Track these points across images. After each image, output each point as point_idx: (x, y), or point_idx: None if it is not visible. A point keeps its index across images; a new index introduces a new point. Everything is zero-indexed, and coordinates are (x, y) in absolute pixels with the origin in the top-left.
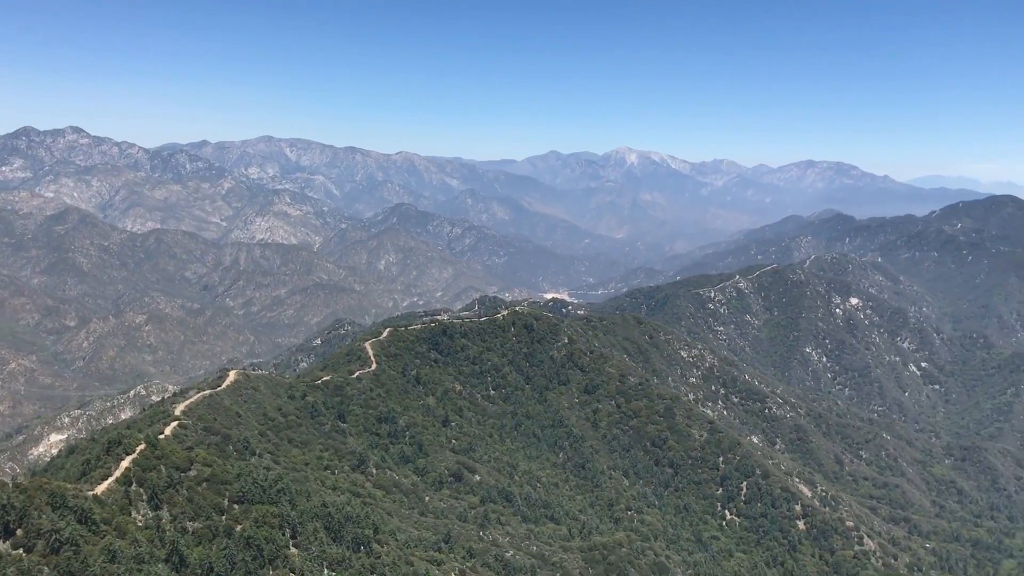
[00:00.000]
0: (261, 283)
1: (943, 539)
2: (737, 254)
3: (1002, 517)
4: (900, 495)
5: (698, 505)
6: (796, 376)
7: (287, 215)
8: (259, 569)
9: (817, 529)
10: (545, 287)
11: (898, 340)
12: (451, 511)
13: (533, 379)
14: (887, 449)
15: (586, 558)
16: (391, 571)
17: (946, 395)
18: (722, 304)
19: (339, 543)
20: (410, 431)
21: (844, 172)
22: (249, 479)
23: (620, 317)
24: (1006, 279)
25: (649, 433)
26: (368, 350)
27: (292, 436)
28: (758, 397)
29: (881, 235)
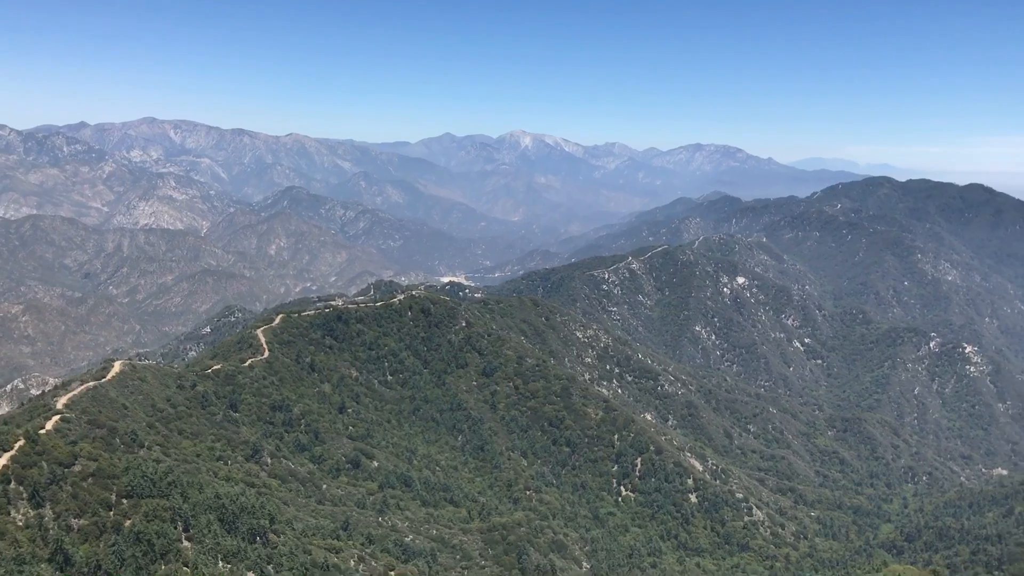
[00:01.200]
0: (146, 270)
1: (827, 507)
2: (629, 236)
3: (881, 484)
4: (786, 466)
5: (595, 482)
6: (687, 354)
7: (172, 199)
8: (150, 565)
9: (709, 502)
10: (442, 270)
11: (783, 317)
12: (349, 498)
13: (431, 363)
14: (773, 422)
15: (486, 539)
16: (288, 561)
17: (828, 369)
18: (616, 285)
19: (234, 535)
20: (305, 419)
21: (730, 155)
22: (138, 472)
23: (517, 299)
24: (883, 257)
25: (547, 413)
26: (260, 337)
27: (182, 427)
28: (651, 375)
29: (766, 216)
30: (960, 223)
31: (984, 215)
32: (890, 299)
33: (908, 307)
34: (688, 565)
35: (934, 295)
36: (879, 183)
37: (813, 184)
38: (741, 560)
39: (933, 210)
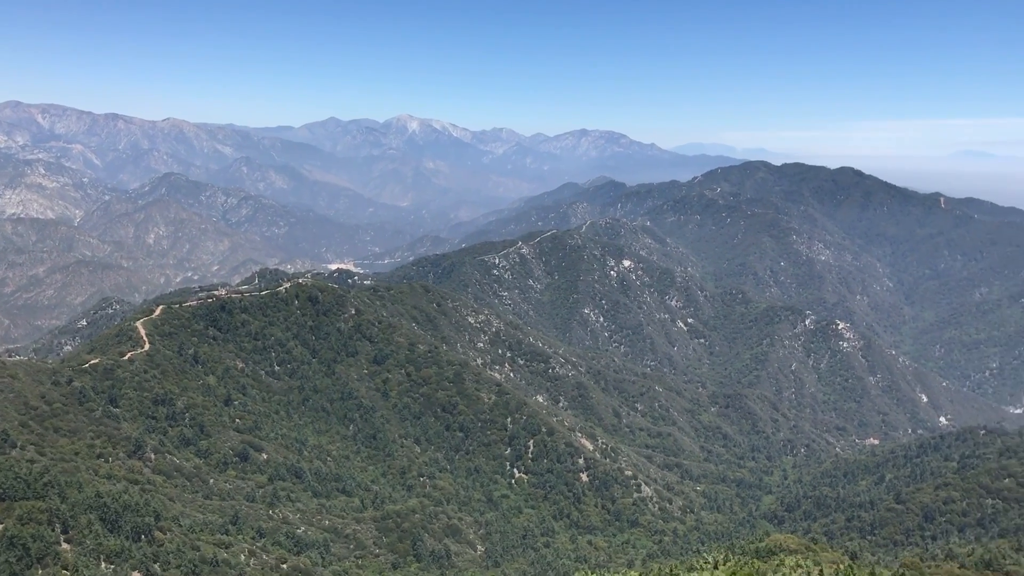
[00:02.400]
0: (15, 262)
1: (712, 481)
2: (519, 221)
3: (761, 457)
4: (673, 443)
5: (488, 466)
6: (576, 336)
7: (42, 187)
8: (26, 570)
9: (599, 480)
10: (329, 257)
11: (667, 298)
12: (238, 492)
13: (320, 352)
14: (660, 400)
15: (380, 527)
16: (176, 558)
17: (710, 348)
18: (506, 270)
19: (117, 534)
20: (190, 412)
21: (615, 141)
22: (10, 474)
23: (408, 286)
24: (760, 239)
25: (439, 399)
26: (140, 330)
27: (59, 425)
28: (542, 358)
29: (649, 200)
30: (832, 205)
31: (854, 197)
32: (768, 279)
33: (784, 286)
34: (580, 543)
35: (809, 274)
36: (756, 167)
37: (694, 169)
38: (631, 536)
39: (807, 193)
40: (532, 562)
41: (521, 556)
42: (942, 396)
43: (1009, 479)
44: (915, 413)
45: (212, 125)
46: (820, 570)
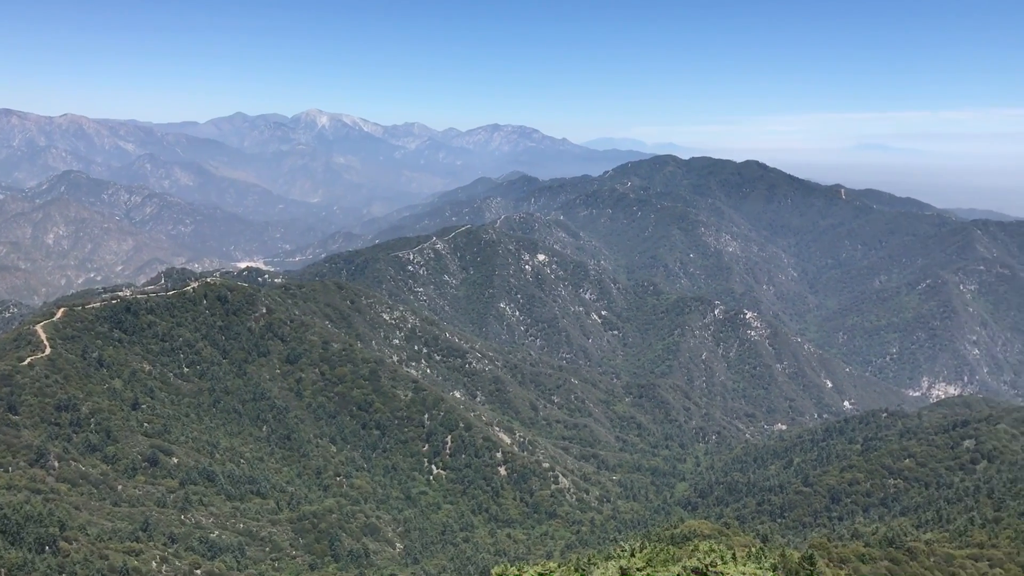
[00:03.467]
0: None
1: (627, 470)
2: (433, 216)
3: (675, 445)
4: (589, 434)
5: (406, 463)
6: (492, 330)
7: None
8: None
9: (517, 473)
10: (239, 256)
11: (581, 291)
12: (148, 498)
13: (230, 353)
14: (576, 392)
15: (296, 529)
16: (83, 569)
17: (624, 339)
18: (421, 265)
19: (19, 546)
20: (95, 417)
21: (527, 135)
22: None
23: (320, 283)
24: (670, 231)
25: (355, 398)
26: (40, 333)
27: None
28: (458, 353)
29: (562, 194)
30: (738, 197)
31: (759, 189)
32: (678, 271)
33: (694, 278)
34: (499, 536)
35: (717, 266)
36: (665, 161)
37: (605, 163)
38: (550, 527)
39: (714, 186)
40: (451, 557)
41: (440, 552)
42: (846, 381)
43: (909, 459)
44: (820, 398)
45: (113, 121)
46: (733, 554)
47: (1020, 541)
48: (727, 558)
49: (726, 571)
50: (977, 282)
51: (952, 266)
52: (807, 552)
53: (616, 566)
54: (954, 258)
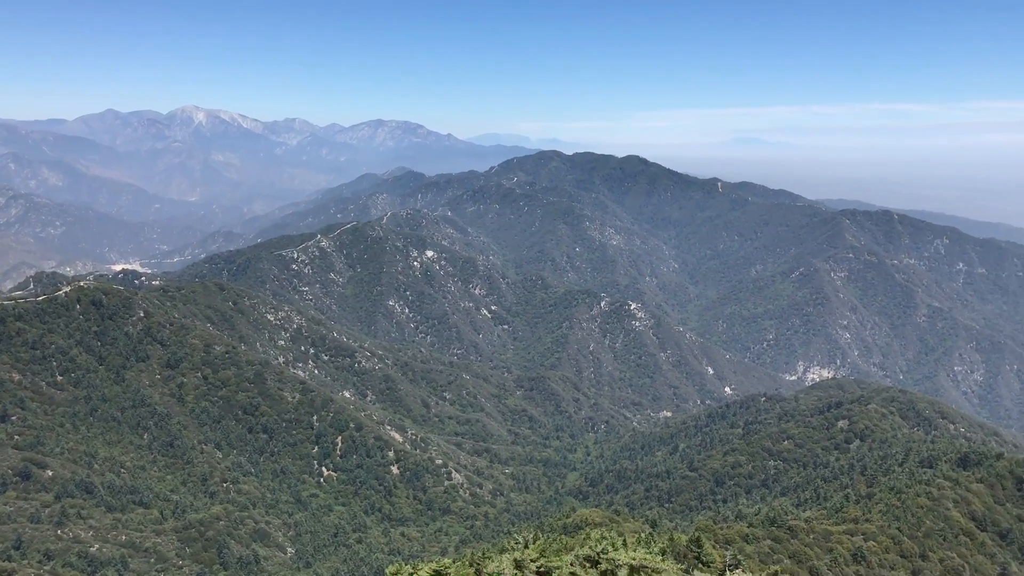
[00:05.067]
0: None
1: (520, 463)
2: (317, 213)
3: (565, 436)
4: (481, 428)
5: (295, 466)
6: (382, 328)
7: None
8: None
9: (410, 471)
10: (113, 258)
11: (470, 287)
12: (20, 514)
13: (107, 359)
14: (467, 388)
15: (182, 538)
16: None
17: (514, 333)
18: (306, 264)
19: None
20: None
21: (412, 131)
22: None
23: (200, 285)
24: (556, 226)
25: (240, 401)
26: None
27: None
28: (347, 353)
29: (449, 190)
30: (621, 192)
31: (640, 184)
32: (565, 264)
33: (581, 271)
34: (393, 535)
35: (602, 259)
36: (549, 157)
37: (490, 159)
38: (444, 523)
39: (597, 180)
40: (345, 559)
41: (334, 554)
42: (726, 367)
43: (788, 441)
44: (703, 385)
45: None
46: (623, 540)
47: (891, 515)
48: (618, 545)
49: (617, 557)
50: (846, 269)
51: (823, 255)
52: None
53: (510, 559)
54: (825, 247)
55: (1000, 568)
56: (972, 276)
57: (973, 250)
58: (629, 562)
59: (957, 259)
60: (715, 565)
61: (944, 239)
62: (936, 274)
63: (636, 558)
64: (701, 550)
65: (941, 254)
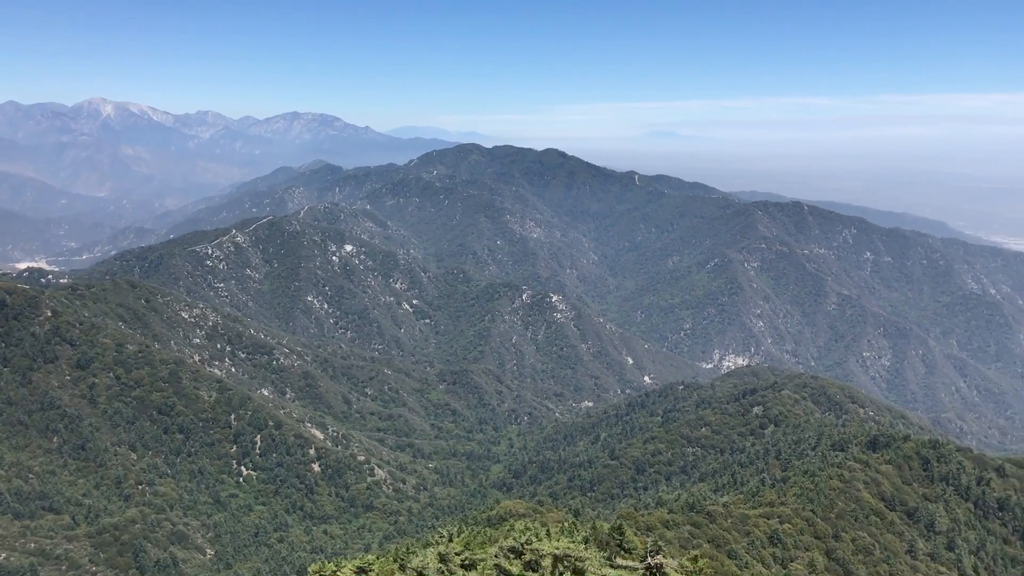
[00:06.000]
0: None
1: (443, 457)
2: (231, 208)
3: (489, 429)
4: (404, 423)
5: (213, 466)
6: (300, 325)
7: None
8: None
9: (332, 469)
10: (17, 256)
11: (391, 281)
12: None
13: (12, 360)
14: (389, 383)
15: (96, 543)
16: None
17: (436, 327)
18: (221, 260)
19: None
20: None
21: (328, 124)
22: None
23: (111, 282)
24: (477, 219)
25: (154, 401)
26: None
27: None
28: (265, 350)
29: (368, 184)
30: (540, 185)
31: (560, 177)
32: (486, 258)
33: (502, 264)
34: (316, 534)
35: (523, 252)
36: (469, 150)
37: (409, 152)
38: (367, 520)
39: (517, 174)
40: (266, 559)
41: (255, 555)
42: (645, 357)
43: (706, 428)
44: (623, 375)
45: None
46: (547, 530)
47: (805, 497)
48: (541, 535)
49: (541, 548)
50: (759, 259)
51: (737, 245)
52: (616, 523)
53: (434, 553)
54: (738, 238)
55: (908, 545)
56: (879, 264)
57: (879, 239)
58: (553, 552)
59: (864, 248)
60: (637, 552)
61: (852, 229)
62: (844, 263)
63: (559, 548)
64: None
65: (849, 244)
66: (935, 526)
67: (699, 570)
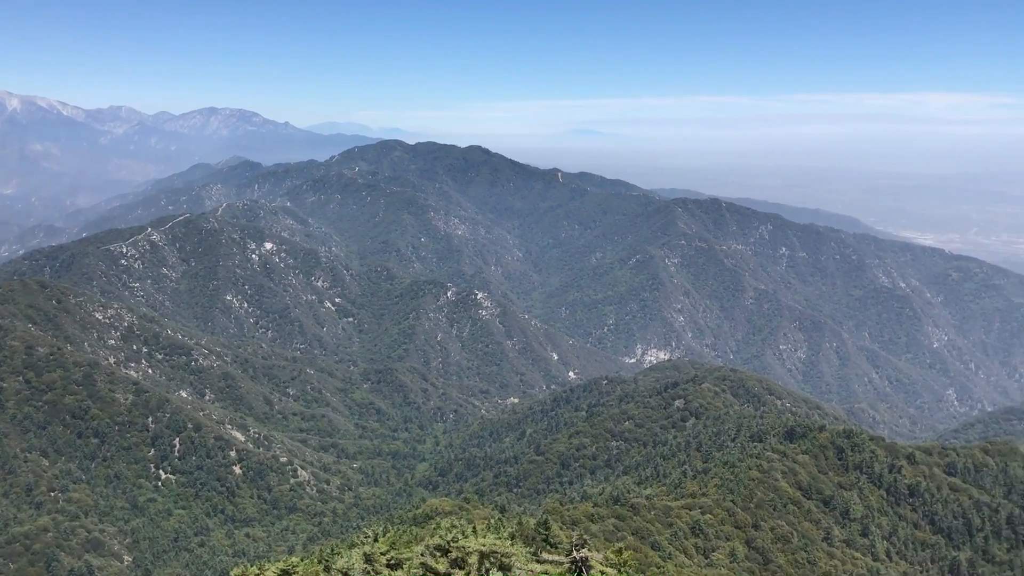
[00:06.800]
0: None
1: (368, 456)
2: (147, 205)
3: (414, 427)
4: (327, 424)
5: (130, 471)
6: (220, 324)
7: None
8: None
9: (254, 471)
10: None
11: (313, 279)
12: None
13: None
14: (312, 383)
15: (4, 553)
16: None
17: (359, 326)
18: (136, 259)
19: None
20: None
21: (247, 119)
22: None
23: (20, 283)
24: (400, 216)
25: (67, 405)
26: None
27: None
28: (183, 351)
29: (288, 180)
30: (464, 182)
31: (484, 174)
32: (410, 255)
33: (426, 261)
34: (238, 537)
35: (447, 249)
36: (392, 146)
37: (331, 148)
38: (290, 522)
39: (441, 170)
40: (187, 564)
41: (174, 560)
42: (570, 353)
43: (629, 421)
44: (548, 371)
45: None
46: (473, 527)
47: (726, 488)
48: (467, 532)
49: (467, 545)
50: (679, 255)
51: (657, 242)
52: (542, 518)
53: (360, 553)
54: (659, 234)
55: (824, 533)
56: (794, 260)
57: (794, 235)
58: (479, 549)
59: (780, 244)
60: (563, 546)
61: (768, 225)
62: (761, 258)
63: (486, 544)
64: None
65: (765, 239)
66: (850, 513)
67: (623, 562)
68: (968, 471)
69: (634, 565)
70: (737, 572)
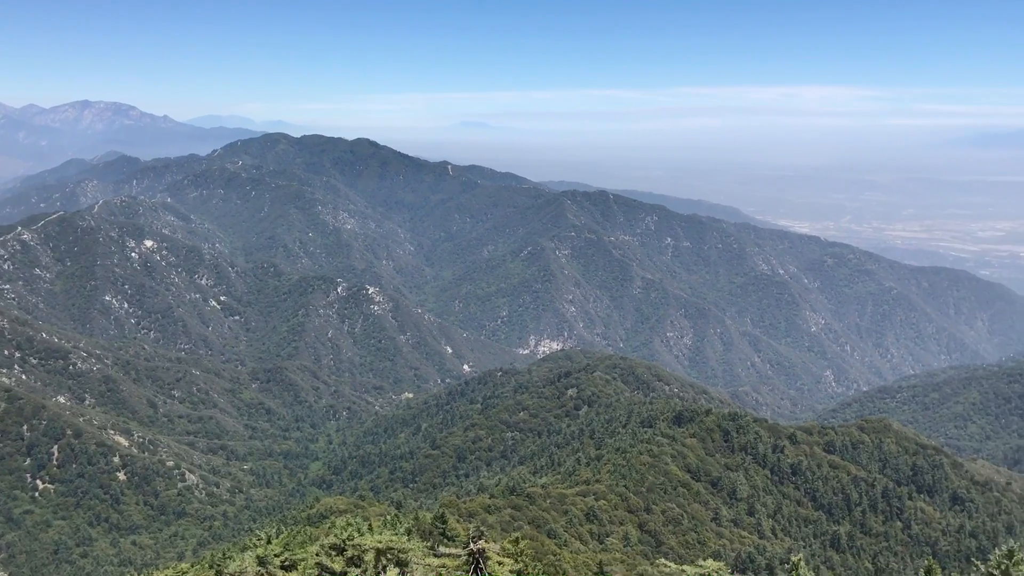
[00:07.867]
0: None
1: (259, 457)
2: (16, 203)
3: (306, 426)
4: (215, 425)
5: (4, 482)
6: (99, 326)
7: None
8: None
9: (139, 476)
10: None
11: (196, 277)
12: None
13: None
14: (198, 384)
15: None
16: None
17: (246, 324)
18: (6, 260)
19: None
20: None
21: (123, 113)
22: None
23: None
24: (287, 211)
25: None
26: None
27: None
28: (60, 354)
29: (168, 175)
30: (353, 175)
31: (372, 167)
32: (298, 250)
33: (315, 256)
34: (124, 546)
35: (337, 243)
36: (276, 139)
37: (212, 142)
38: (179, 527)
39: (328, 164)
40: None
41: (55, 573)
42: (464, 346)
43: (524, 412)
44: (443, 364)
45: None
46: (369, 525)
47: (618, 474)
48: (363, 530)
49: (363, 543)
50: (570, 247)
51: (548, 234)
52: (438, 512)
53: (253, 556)
54: (549, 226)
55: (713, 513)
56: (679, 249)
57: (679, 225)
58: (375, 546)
59: (665, 234)
60: (460, 539)
61: (654, 216)
62: (648, 248)
63: (382, 541)
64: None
65: (651, 230)
66: (737, 493)
67: (520, 552)
68: (846, 448)
69: (530, 554)
70: (630, 555)
